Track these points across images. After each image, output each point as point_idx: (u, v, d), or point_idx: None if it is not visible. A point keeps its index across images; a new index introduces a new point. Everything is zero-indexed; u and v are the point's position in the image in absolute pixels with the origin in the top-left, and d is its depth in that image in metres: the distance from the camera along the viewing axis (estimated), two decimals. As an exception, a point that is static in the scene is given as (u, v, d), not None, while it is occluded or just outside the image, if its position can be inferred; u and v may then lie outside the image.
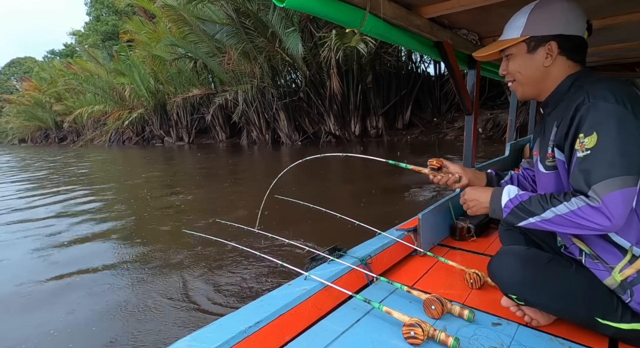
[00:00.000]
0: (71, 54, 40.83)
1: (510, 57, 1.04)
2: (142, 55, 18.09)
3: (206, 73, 17.09)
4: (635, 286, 0.90)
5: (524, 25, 0.99)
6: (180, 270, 2.88)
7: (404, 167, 1.31)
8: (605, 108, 0.83)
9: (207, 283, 2.60)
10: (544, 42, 0.97)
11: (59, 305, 2.49)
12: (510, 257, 1.07)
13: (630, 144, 0.81)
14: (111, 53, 24.04)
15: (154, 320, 2.19)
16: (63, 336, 2.11)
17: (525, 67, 1.01)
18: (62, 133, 35.28)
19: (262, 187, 5.28)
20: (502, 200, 0.99)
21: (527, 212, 0.93)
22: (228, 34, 12.43)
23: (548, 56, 0.97)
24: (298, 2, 1.11)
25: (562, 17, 0.96)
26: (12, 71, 60.48)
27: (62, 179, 9.12)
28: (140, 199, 5.89)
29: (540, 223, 0.92)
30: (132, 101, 21.03)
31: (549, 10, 0.97)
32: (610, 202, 0.80)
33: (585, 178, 0.84)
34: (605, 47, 2.64)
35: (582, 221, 0.84)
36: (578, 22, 0.97)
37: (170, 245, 3.51)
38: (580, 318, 1.00)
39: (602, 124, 0.83)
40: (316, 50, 12.05)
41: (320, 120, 14.37)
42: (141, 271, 2.94)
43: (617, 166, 0.80)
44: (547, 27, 0.96)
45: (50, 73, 33.10)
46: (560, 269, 1.01)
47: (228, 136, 18.89)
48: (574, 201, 0.85)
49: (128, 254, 3.36)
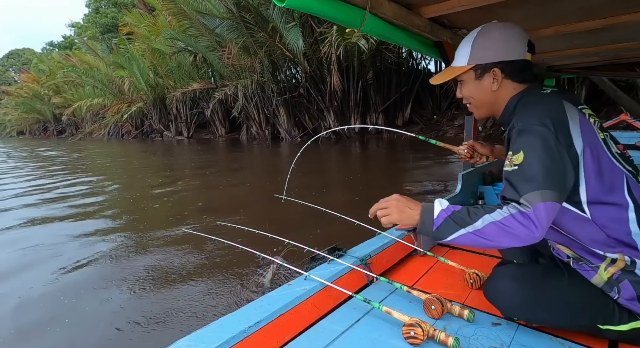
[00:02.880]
0: (70, 46, 40.56)
1: (462, 83, 1.12)
2: (142, 48, 18.00)
3: (206, 67, 17.01)
4: (621, 283, 0.92)
5: (469, 54, 1.06)
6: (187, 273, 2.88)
7: (434, 143, 1.43)
8: (529, 130, 0.90)
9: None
10: (488, 69, 1.04)
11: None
12: (505, 280, 1.06)
13: (551, 162, 0.86)
14: (110, 46, 23.90)
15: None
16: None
17: (476, 92, 1.09)
18: (60, 125, 35.18)
19: (263, 185, 5.22)
20: (434, 210, 0.95)
21: (460, 221, 0.91)
22: (228, 28, 12.35)
23: (494, 81, 1.04)
24: (298, 2, 1.12)
25: (501, 45, 1.03)
26: (11, 63, 60.11)
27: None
28: (137, 199, 5.88)
29: (470, 234, 0.90)
30: (131, 94, 20.95)
31: (489, 39, 1.04)
32: (539, 211, 0.84)
33: (516, 189, 0.88)
34: (605, 47, 2.63)
35: (513, 228, 0.85)
36: (518, 46, 1.03)
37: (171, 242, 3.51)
38: (583, 327, 1.01)
39: (527, 144, 0.89)
40: (317, 45, 12.00)
41: (320, 116, 14.34)
42: (139, 270, 2.94)
43: (541, 180, 0.85)
44: (489, 55, 1.03)
45: (48, 65, 32.94)
46: (555, 282, 1.02)
47: (227, 131, 18.85)
48: (507, 209, 0.87)
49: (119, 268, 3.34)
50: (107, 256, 3.17)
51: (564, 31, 2.05)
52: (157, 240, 3.53)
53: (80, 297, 2.48)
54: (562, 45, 2.63)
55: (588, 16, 1.90)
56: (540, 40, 2.41)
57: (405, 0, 1.55)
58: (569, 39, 2.38)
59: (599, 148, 0.91)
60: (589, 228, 0.93)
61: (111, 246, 3.43)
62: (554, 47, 2.75)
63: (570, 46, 2.65)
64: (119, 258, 3.14)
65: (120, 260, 3.09)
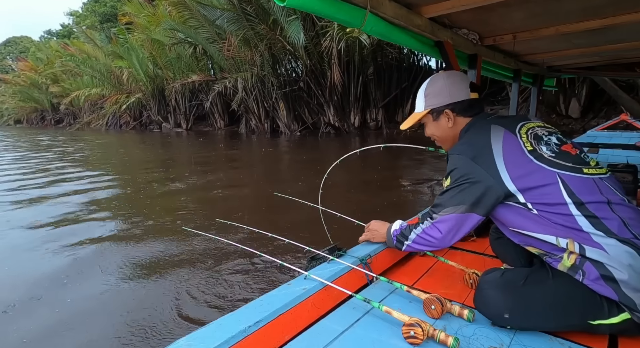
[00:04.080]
0: (68, 35, 40.16)
1: (425, 125, 1.34)
2: (141, 38, 17.82)
3: (206, 59, 16.87)
4: (584, 266, 0.98)
5: (424, 101, 1.28)
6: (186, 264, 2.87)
7: (443, 153, 1.48)
8: (451, 158, 1.15)
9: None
10: (441, 111, 1.25)
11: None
12: (489, 291, 1.08)
13: (461, 185, 1.09)
14: (109, 35, 23.68)
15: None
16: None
17: (437, 131, 1.30)
18: (58, 115, 34.94)
19: (265, 185, 5.19)
20: (391, 230, 1.30)
21: (403, 237, 1.25)
22: (229, 20, 12.23)
23: (449, 119, 1.25)
24: (299, 1, 1.13)
25: (446, 91, 1.24)
26: (8, 50, 59.50)
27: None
28: (137, 197, 5.86)
29: (411, 245, 1.23)
30: (130, 85, 20.80)
31: (436, 88, 1.26)
32: (442, 221, 1.13)
33: (435, 206, 1.16)
34: (605, 47, 2.62)
35: (426, 236, 1.17)
36: (461, 89, 1.24)
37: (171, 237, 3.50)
38: (575, 326, 1.02)
39: (450, 171, 1.13)
40: (318, 39, 11.91)
41: (319, 111, 14.29)
42: (138, 269, 2.93)
43: (450, 199, 1.11)
44: (440, 100, 1.25)
45: (46, 54, 32.61)
46: (540, 285, 1.04)
47: (226, 124, 18.77)
48: (425, 222, 1.18)
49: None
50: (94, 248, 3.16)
51: (564, 31, 2.05)
52: (157, 241, 3.52)
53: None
54: (563, 45, 2.63)
55: (588, 16, 1.90)
56: (541, 40, 2.40)
57: (406, 0, 1.55)
58: (569, 38, 2.37)
59: (521, 158, 1.06)
60: (538, 220, 1.04)
61: (107, 235, 3.43)
62: (554, 47, 2.74)
63: (571, 45, 2.65)
64: (113, 250, 3.13)
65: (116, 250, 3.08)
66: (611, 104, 9.58)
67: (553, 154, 1.07)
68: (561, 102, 10.22)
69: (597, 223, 0.98)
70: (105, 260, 2.95)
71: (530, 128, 1.14)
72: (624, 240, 0.95)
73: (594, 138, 5.16)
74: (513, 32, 2.21)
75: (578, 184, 1.02)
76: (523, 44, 2.46)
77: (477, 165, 1.07)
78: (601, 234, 0.97)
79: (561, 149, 1.10)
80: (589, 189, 1.01)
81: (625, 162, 2.43)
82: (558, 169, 1.04)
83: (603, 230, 0.97)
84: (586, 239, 0.98)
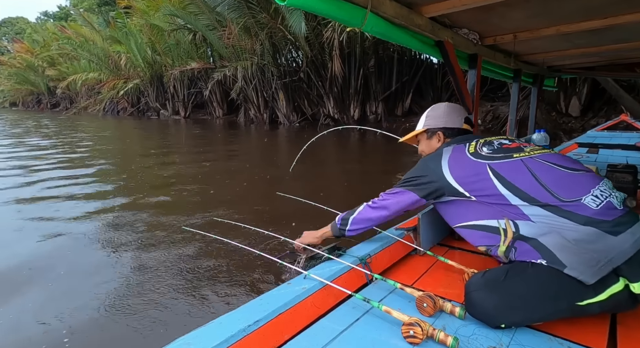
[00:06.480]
0: (65, 17, 39.51)
1: (420, 141, 1.58)
2: (140, 23, 17.54)
3: (205, 47, 16.64)
4: (514, 244, 1.12)
5: (424, 121, 1.53)
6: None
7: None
8: (417, 164, 1.40)
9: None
10: (435, 132, 1.49)
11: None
12: (474, 293, 1.10)
13: (414, 177, 1.34)
14: (107, 19, 23.28)
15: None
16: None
17: (427, 148, 1.52)
18: (55, 98, 34.54)
19: (261, 182, 5.11)
20: (336, 219, 1.44)
21: (348, 215, 1.40)
22: (230, 7, 12.02)
23: (439, 140, 1.48)
24: (299, 1, 1.15)
25: (443, 116, 1.49)
26: (4, 31, 58.45)
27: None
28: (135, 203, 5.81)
29: (356, 217, 1.37)
30: (128, 70, 20.54)
31: (436, 112, 1.52)
32: (388, 192, 1.36)
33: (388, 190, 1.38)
34: (605, 47, 2.62)
35: (370, 205, 1.37)
36: (456, 119, 1.49)
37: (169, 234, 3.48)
38: (565, 311, 1.03)
39: (412, 169, 1.38)
40: (319, 30, 11.76)
41: (319, 102, 14.19)
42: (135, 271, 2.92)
43: (401, 182, 1.36)
44: (436, 122, 1.49)
45: (43, 36, 32.11)
46: (520, 277, 1.07)
47: (225, 113, 18.63)
48: (373, 200, 1.39)
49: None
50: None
51: (564, 31, 2.05)
52: (157, 240, 3.48)
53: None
54: (563, 45, 2.62)
55: (589, 16, 1.90)
56: (541, 40, 2.40)
57: (406, 0, 1.55)
58: (570, 38, 2.37)
59: (462, 159, 1.27)
60: (477, 206, 1.22)
61: (102, 225, 3.41)
62: (555, 47, 2.73)
63: (571, 45, 2.64)
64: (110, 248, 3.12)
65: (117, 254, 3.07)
66: (611, 103, 9.57)
67: (490, 151, 1.26)
68: (561, 100, 10.19)
69: (521, 194, 1.12)
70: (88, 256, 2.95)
71: (487, 140, 1.33)
72: (545, 205, 1.08)
73: (594, 138, 5.16)
74: (513, 32, 2.21)
75: (505, 167, 1.18)
76: (523, 43, 2.46)
77: (429, 167, 1.32)
78: (525, 203, 1.10)
79: (502, 147, 1.28)
80: (515, 169, 1.17)
81: (625, 162, 2.44)
82: (488, 160, 1.22)
83: (526, 199, 1.11)
84: (518, 214, 1.12)
